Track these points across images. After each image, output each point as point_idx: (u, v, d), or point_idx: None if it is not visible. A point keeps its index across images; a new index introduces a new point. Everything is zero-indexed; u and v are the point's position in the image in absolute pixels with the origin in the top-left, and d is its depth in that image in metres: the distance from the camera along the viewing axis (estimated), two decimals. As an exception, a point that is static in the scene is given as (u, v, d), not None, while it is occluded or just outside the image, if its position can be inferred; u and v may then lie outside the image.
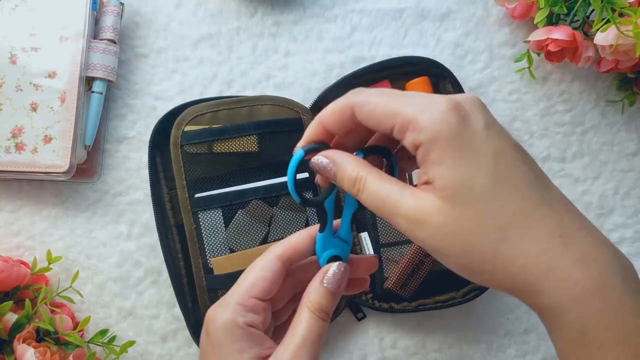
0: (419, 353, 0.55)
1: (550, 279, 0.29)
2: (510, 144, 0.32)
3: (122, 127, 0.54)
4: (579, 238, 0.30)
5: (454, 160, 0.30)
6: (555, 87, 0.58)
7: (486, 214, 0.30)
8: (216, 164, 0.49)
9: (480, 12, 0.57)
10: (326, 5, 0.57)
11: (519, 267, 0.30)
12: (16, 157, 0.50)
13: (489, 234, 0.30)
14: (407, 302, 0.51)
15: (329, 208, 0.38)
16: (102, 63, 0.52)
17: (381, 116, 0.32)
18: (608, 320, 0.29)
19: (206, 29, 0.56)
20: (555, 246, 0.30)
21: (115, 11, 0.53)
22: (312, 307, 0.35)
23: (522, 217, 0.30)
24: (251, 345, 0.35)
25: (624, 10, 0.47)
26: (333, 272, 0.36)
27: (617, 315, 0.29)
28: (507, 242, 0.30)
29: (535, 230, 0.30)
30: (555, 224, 0.30)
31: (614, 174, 0.58)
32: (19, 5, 0.51)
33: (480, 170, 0.30)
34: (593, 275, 0.29)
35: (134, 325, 0.53)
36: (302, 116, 0.52)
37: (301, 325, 0.35)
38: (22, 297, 0.49)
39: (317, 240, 0.38)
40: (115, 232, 0.54)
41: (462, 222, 0.30)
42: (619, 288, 0.29)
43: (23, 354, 0.44)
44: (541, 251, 0.30)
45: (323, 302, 0.36)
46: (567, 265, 0.29)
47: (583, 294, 0.29)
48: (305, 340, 0.34)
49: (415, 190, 0.32)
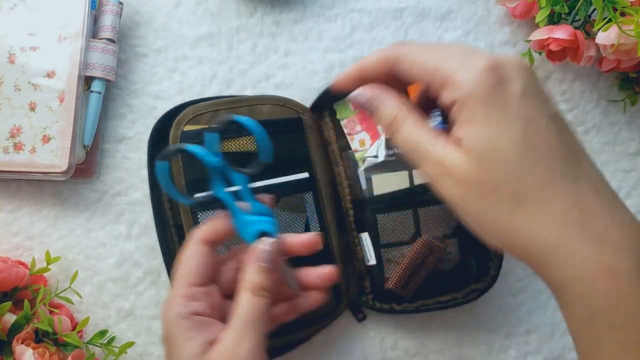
0: (420, 354, 0.55)
1: (559, 253, 0.29)
2: (547, 114, 0.31)
3: (121, 127, 0.54)
4: (598, 216, 0.30)
5: (484, 121, 0.31)
6: (556, 86, 0.57)
7: (506, 180, 0.30)
8: None
9: (481, 12, 0.57)
10: (326, 4, 0.57)
11: (531, 237, 0.30)
12: (15, 157, 0.50)
13: (506, 200, 0.30)
14: (408, 302, 0.51)
15: (223, 194, 0.39)
16: (101, 62, 0.51)
17: (423, 70, 0.33)
18: (618, 301, 0.29)
19: (206, 28, 0.56)
20: (570, 221, 0.29)
21: (114, 10, 0.52)
22: (249, 287, 0.37)
23: (542, 188, 0.30)
24: (198, 333, 0.36)
25: (626, 9, 0.47)
26: (261, 248, 0.37)
27: (628, 297, 0.29)
28: (523, 211, 0.30)
29: (552, 203, 0.30)
30: (575, 200, 0.30)
31: (615, 174, 0.57)
32: (17, 4, 0.51)
33: (508, 135, 0.30)
34: (605, 255, 0.29)
35: (134, 325, 0.53)
36: (302, 116, 0.52)
37: (241, 306, 0.36)
38: (20, 298, 0.49)
39: (236, 225, 0.39)
40: (114, 233, 0.54)
41: (482, 184, 0.31)
42: (633, 270, 0.29)
43: (22, 355, 0.44)
44: (555, 224, 0.29)
45: (258, 279, 0.37)
46: (579, 241, 0.29)
47: (591, 272, 0.29)
48: (247, 321, 0.36)
49: (448, 142, 0.32)
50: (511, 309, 0.55)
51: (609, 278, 0.29)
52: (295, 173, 0.51)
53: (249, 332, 0.36)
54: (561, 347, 0.55)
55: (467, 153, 0.31)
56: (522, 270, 0.55)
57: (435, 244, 0.50)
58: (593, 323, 0.30)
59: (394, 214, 0.51)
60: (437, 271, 0.50)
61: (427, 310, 0.51)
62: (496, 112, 0.31)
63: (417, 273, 0.50)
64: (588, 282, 0.29)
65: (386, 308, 0.52)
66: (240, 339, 0.35)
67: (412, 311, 0.51)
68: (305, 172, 0.51)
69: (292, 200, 0.50)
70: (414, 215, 0.50)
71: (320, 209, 0.51)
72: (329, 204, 0.52)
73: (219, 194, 0.39)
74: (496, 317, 0.55)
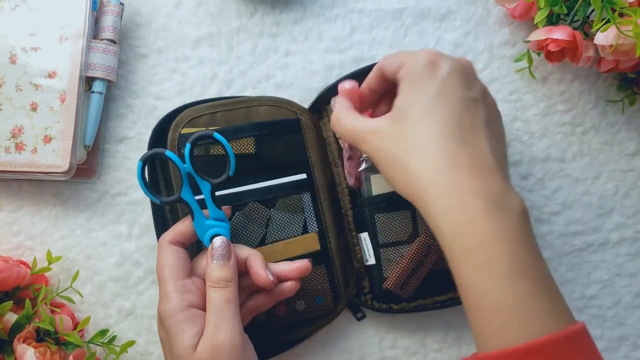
0: (419, 353, 0.55)
1: (432, 189, 0.37)
2: (463, 94, 0.39)
3: (122, 127, 0.54)
4: (467, 170, 0.37)
5: (408, 91, 0.40)
6: (555, 87, 0.57)
7: (409, 133, 0.39)
8: (213, 167, 0.49)
9: (480, 12, 0.57)
10: (326, 5, 0.57)
11: (417, 176, 0.38)
12: (16, 157, 0.50)
13: (406, 148, 0.39)
14: (407, 302, 0.51)
15: (189, 199, 0.44)
16: (102, 63, 0.52)
17: (393, 66, 0.42)
18: (470, 229, 0.36)
19: (206, 28, 0.56)
20: (445, 168, 0.37)
21: (115, 11, 0.53)
22: (212, 284, 0.42)
23: (431, 140, 0.38)
24: (192, 325, 0.41)
25: (624, 10, 0.47)
26: (213, 247, 0.43)
27: (478, 227, 0.36)
28: (416, 157, 0.38)
29: (435, 153, 0.38)
30: (454, 154, 0.37)
31: (614, 174, 0.57)
32: (19, 5, 0.51)
33: (419, 101, 0.39)
34: (465, 195, 0.36)
35: (134, 325, 0.53)
36: (300, 117, 0.52)
37: (210, 302, 0.41)
38: (22, 297, 0.49)
39: (195, 228, 0.45)
40: (115, 232, 0.54)
41: (393, 136, 0.40)
42: (485, 208, 0.36)
43: (23, 354, 0.44)
44: (435, 168, 0.37)
45: (218, 274, 0.42)
46: (448, 183, 0.37)
47: (453, 206, 0.36)
48: (218, 313, 0.41)
49: (376, 118, 0.42)
50: (510, 309, 0.55)
51: (465, 211, 0.36)
52: (294, 174, 0.51)
53: (223, 322, 0.40)
54: (560, 347, 0.55)
55: (392, 116, 0.41)
56: (521, 270, 0.55)
57: (433, 243, 0.50)
58: (451, 252, 0.37)
59: (393, 213, 0.51)
60: (436, 271, 0.51)
61: (425, 309, 0.52)
62: (419, 85, 0.40)
63: (416, 273, 0.51)
64: (450, 214, 0.36)
65: (385, 308, 0.52)
66: (216, 331, 0.40)
67: (410, 310, 0.52)
68: (303, 172, 0.51)
69: (290, 201, 0.51)
70: (412, 215, 0.51)
71: (319, 210, 0.51)
72: (327, 204, 0.52)
73: (185, 197, 0.44)
74: (495, 316, 0.55)
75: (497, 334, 0.35)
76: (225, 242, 0.44)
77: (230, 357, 0.39)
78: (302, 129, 0.52)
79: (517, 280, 0.35)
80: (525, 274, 0.35)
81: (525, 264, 0.35)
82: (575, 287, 0.56)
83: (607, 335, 0.56)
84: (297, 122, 0.52)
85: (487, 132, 0.39)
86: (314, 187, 0.52)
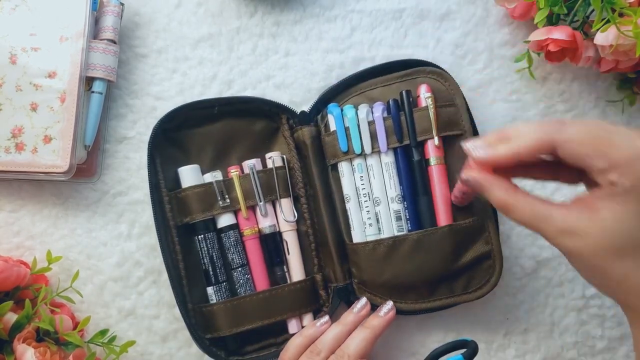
0: (419, 353, 0.55)
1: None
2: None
3: (122, 127, 0.54)
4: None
5: (633, 213, 0.34)
6: (555, 87, 0.57)
7: (626, 245, 0.35)
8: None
9: (480, 12, 0.57)
10: (326, 5, 0.57)
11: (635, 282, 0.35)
12: (16, 157, 0.50)
13: (620, 256, 0.35)
14: (406, 303, 0.51)
15: None
16: (102, 63, 0.52)
17: (585, 156, 0.35)
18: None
19: (206, 29, 0.56)
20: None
21: (115, 11, 0.53)
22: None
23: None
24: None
25: (624, 10, 0.47)
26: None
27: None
28: (632, 262, 0.35)
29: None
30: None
31: (614, 174, 0.57)
32: (19, 5, 0.51)
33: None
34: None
35: (134, 325, 0.53)
36: None
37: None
38: (22, 297, 0.49)
39: None
40: (115, 232, 0.54)
41: (602, 246, 0.35)
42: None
43: (23, 354, 0.44)
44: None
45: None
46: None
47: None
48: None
49: (568, 207, 0.37)
50: (510, 309, 0.56)
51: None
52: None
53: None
54: (559, 346, 0.55)
55: (601, 222, 0.35)
56: (521, 270, 0.56)
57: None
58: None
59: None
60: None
61: (426, 311, 0.52)
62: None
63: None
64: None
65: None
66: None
67: (410, 311, 0.52)
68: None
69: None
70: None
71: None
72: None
73: None
74: (495, 316, 0.55)
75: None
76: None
77: None
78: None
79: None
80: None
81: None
82: (575, 287, 0.56)
83: (607, 335, 0.56)
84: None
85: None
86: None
